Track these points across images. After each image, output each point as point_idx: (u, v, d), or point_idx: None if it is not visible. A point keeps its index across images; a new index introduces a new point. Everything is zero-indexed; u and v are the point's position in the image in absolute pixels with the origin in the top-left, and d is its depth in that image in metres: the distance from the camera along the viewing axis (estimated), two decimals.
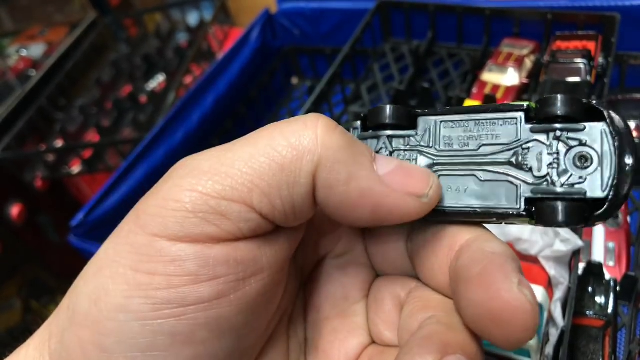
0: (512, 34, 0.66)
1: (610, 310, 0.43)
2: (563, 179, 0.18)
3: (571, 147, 0.18)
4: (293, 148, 0.18)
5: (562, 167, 0.18)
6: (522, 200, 0.18)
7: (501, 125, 0.19)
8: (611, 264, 0.48)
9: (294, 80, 0.90)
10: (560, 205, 0.18)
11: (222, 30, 1.09)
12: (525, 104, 0.19)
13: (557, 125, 0.18)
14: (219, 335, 0.18)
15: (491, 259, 0.17)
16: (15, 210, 0.87)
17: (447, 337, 0.18)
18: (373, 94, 0.70)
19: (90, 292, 0.18)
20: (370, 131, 0.22)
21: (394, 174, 0.19)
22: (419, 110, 0.21)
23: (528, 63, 0.62)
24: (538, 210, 0.18)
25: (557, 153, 0.18)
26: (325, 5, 0.80)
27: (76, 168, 0.86)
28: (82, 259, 0.60)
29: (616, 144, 0.17)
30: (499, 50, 0.64)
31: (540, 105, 0.19)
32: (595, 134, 0.18)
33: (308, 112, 0.61)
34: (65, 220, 0.62)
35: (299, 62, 0.88)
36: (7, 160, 0.86)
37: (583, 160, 0.18)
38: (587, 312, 0.44)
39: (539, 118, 0.19)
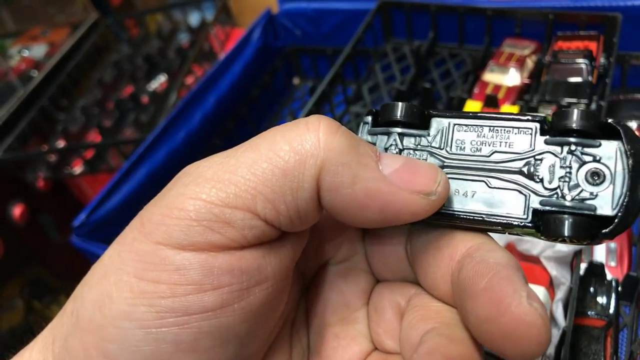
0: (513, 34, 0.66)
1: (611, 310, 0.43)
2: (574, 193, 0.18)
3: (584, 163, 0.18)
4: (295, 152, 0.18)
5: (574, 181, 0.18)
6: (530, 211, 0.18)
7: (516, 134, 0.19)
8: (613, 264, 0.48)
9: (296, 81, 0.90)
10: (567, 219, 0.18)
11: (223, 30, 1.09)
12: (542, 115, 0.19)
13: (572, 140, 0.18)
14: (222, 343, 0.18)
15: (496, 271, 0.17)
16: (17, 210, 0.87)
17: (449, 350, 0.18)
18: (374, 94, 0.70)
19: (94, 298, 0.18)
20: (381, 127, 0.21)
21: (400, 172, 0.18)
22: (434, 111, 0.21)
23: (529, 63, 0.61)
24: (544, 222, 0.18)
25: (570, 167, 0.18)
26: (327, 6, 0.80)
27: (78, 168, 0.86)
28: (84, 259, 0.60)
29: (630, 163, 0.17)
30: (501, 50, 0.63)
31: (557, 118, 0.19)
32: (610, 151, 0.18)
33: (309, 112, 0.61)
34: (67, 221, 0.62)
35: (300, 63, 0.88)
36: (9, 160, 0.86)
37: (595, 177, 0.18)
38: (589, 313, 0.44)
39: (555, 130, 0.19)
